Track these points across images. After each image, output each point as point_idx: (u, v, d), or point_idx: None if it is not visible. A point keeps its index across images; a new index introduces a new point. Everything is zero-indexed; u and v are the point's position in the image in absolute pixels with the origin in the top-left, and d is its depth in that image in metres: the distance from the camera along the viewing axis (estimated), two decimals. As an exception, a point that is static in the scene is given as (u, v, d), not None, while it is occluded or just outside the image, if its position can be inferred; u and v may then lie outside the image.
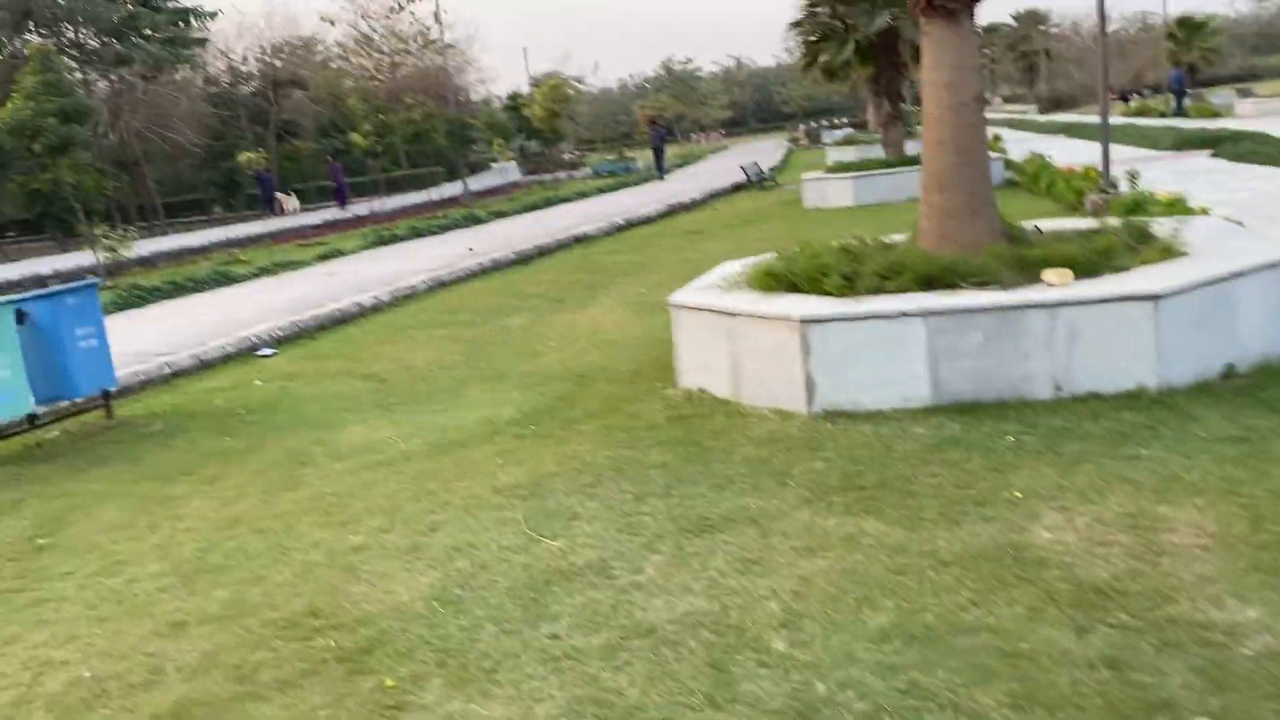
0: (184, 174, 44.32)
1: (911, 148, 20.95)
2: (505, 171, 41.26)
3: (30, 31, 33.82)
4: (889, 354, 5.55)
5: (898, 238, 7.36)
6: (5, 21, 32.03)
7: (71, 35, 34.68)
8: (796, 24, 18.96)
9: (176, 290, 14.22)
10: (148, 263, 23.76)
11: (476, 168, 56.65)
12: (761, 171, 26.30)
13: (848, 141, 32.09)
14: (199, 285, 14.61)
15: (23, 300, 7.12)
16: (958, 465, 4.66)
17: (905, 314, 5.48)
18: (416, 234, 19.97)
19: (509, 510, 4.84)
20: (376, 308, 11.86)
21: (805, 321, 5.60)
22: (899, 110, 19.51)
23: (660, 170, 35.67)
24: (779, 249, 7.18)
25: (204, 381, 8.93)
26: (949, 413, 5.34)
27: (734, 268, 7.46)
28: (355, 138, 21.55)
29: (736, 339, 6.05)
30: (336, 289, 13.06)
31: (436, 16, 54.33)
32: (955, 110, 6.38)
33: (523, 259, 15.18)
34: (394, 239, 19.35)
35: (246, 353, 9.91)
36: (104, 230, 14.99)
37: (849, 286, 6.00)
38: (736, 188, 25.90)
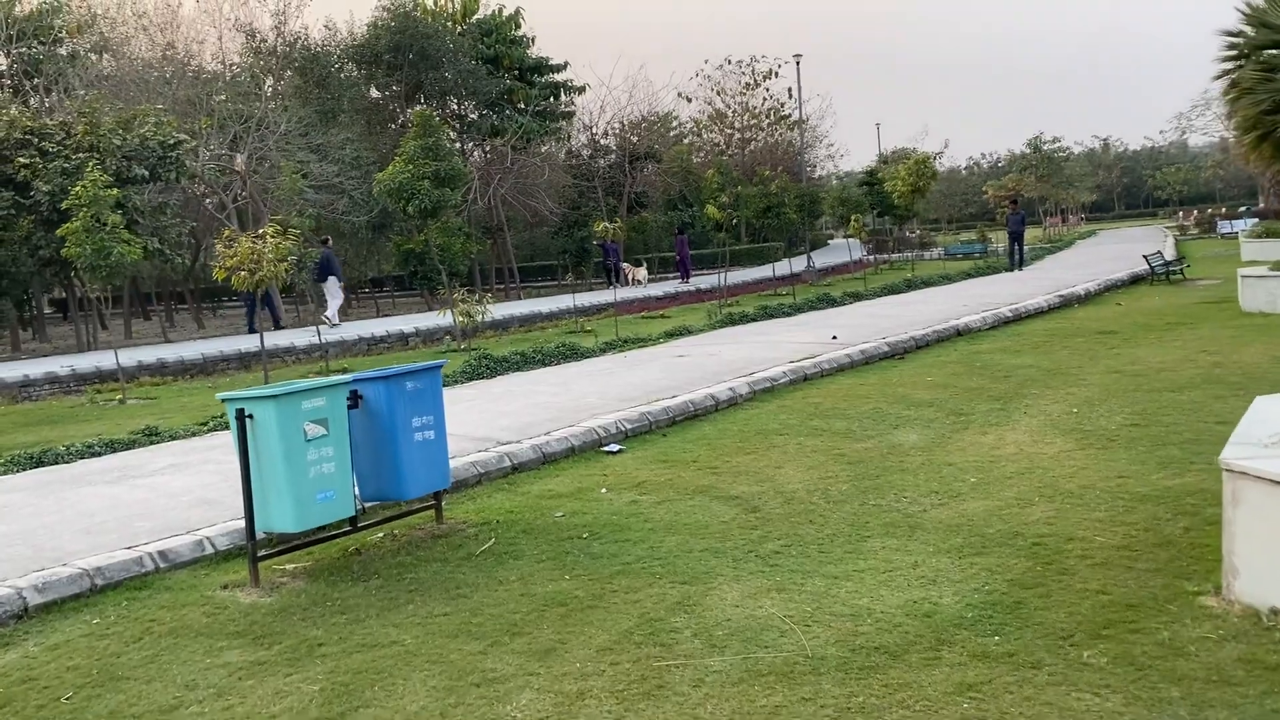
0: (539, 240, 46.50)
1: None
2: (850, 249, 39.53)
3: (420, 103, 36.64)
4: None
5: None
6: (399, 95, 34.82)
7: (455, 107, 37.22)
8: (1246, 91, 15.52)
9: (524, 362, 13.48)
10: (501, 326, 24.15)
11: (815, 244, 55.32)
12: (1167, 262, 22.47)
13: (1269, 233, 27.10)
14: (546, 358, 13.81)
15: (358, 381, 6.08)
16: None
17: None
18: (768, 314, 18.44)
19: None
20: (733, 402, 10.24)
21: None
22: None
23: (1017, 260, 29.63)
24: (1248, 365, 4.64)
25: (544, 481, 7.62)
26: None
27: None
28: (710, 209, 20.46)
29: (1377, 549, 3.64)
30: (686, 375, 11.64)
31: (791, 92, 54.54)
32: None
33: (897, 352, 13.08)
34: (744, 318, 17.93)
35: (591, 447, 8.57)
36: (460, 295, 14.73)
37: None
38: (1134, 279, 22.27)
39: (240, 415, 5.51)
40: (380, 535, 6.43)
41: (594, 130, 42.75)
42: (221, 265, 12.62)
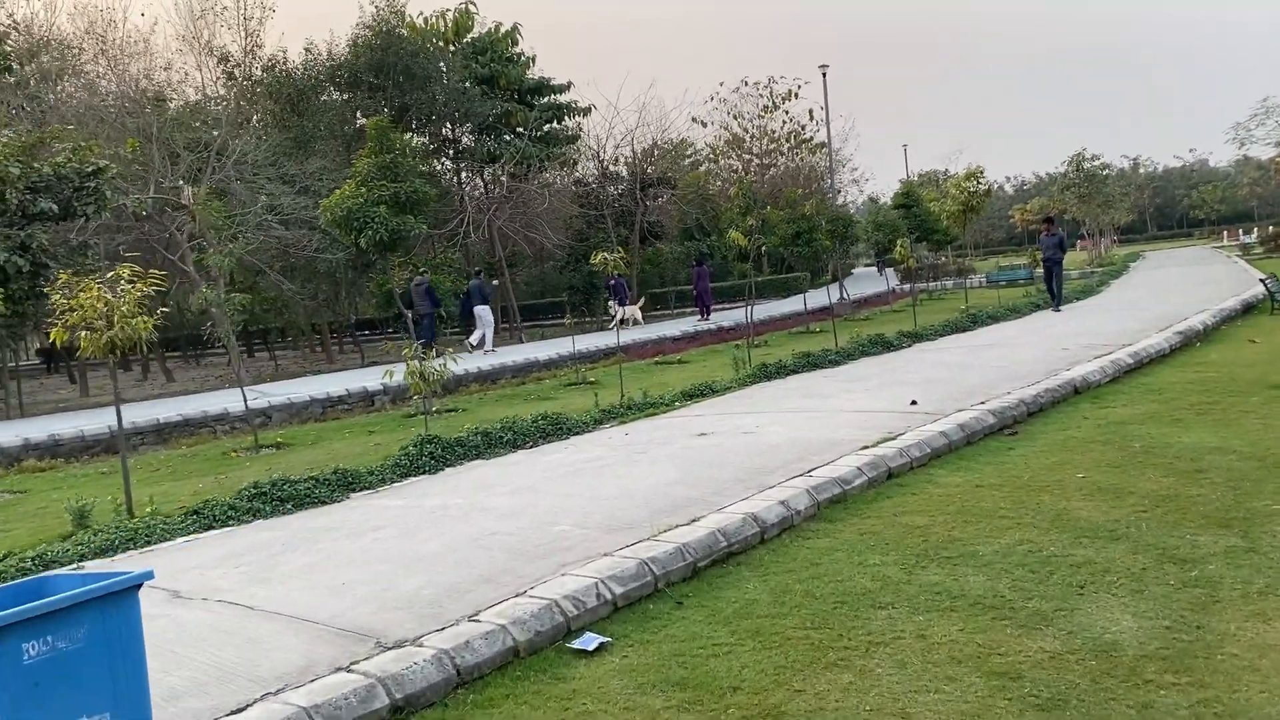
0: (549, 276, 43.08)
1: None
2: (887, 278, 35.93)
3: (411, 130, 33.38)
4: None
5: None
6: (388, 119, 31.47)
7: (448, 132, 33.95)
8: None
9: (487, 446, 9.78)
10: (490, 377, 20.64)
11: (838, 273, 51.63)
12: (1287, 287, 18.69)
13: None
14: (519, 437, 10.11)
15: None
16: None
17: None
18: (810, 363, 14.69)
19: None
20: (788, 525, 6.55)
21: None
22: None
23: (1056, 294, 23.15)
24: None
25: (446, 744, 3.95)
26: None
27: None
28: (734, 234, 16.85)
29: None
30: (712, 471, 7.96)
31: (812, 114, 51.04)
32: None
33: (1005, 423, 9.34)
34: (781, 369, 14.21)
35: (549, 641, 4.89)
36: (413, 347, 11.09)
37: None
38: (1247, 308, 18.49)
39: None
40: None
41: (602, 156, 39.31)
42: (60, 323, 9.09)
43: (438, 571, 5.72)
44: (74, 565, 6.67)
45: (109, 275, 9.14)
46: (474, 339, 25.53)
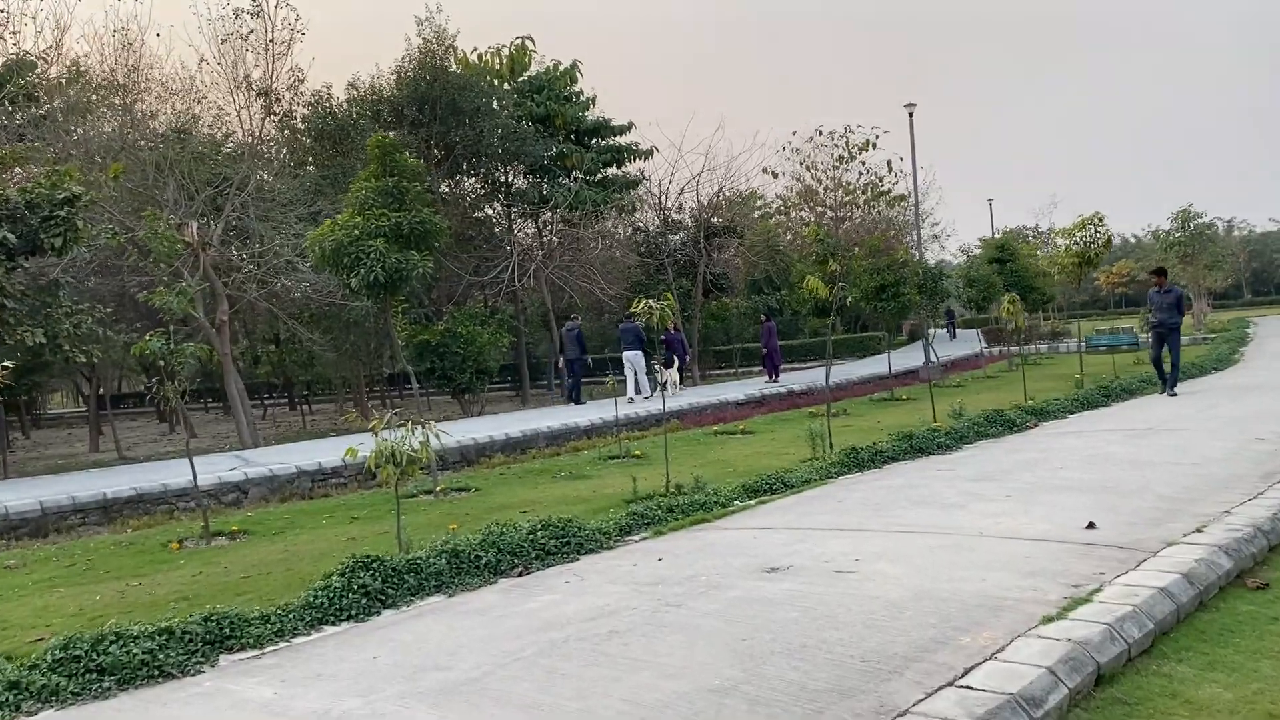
0: (607, 329, 40.40)
1: None
2: (979, 338, 32.38)
3: (461, 173, 31.08)
4: None
5: None
6: (433, 159, 29.16)
7: (502, 175, 31.55)
8: None
9: (451, 573, 6.63)
10: (521, 446, 17.79)
11: (916, 334, 48.11)
12: None
13: None
14: (501, 558, 7.00)
15: None
16: None
17: None
18: (914, 448, 11.38)
19: None
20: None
21: None
22: None
23: (1172, 371, 16.88)
24: None
25: None
26: None
27: None
28: (813, 282, 13.76)
29: None
30: (784, 659, 4.79)
31: (890, 165, 47.87)
32: None
33: (1242, 566, 6.02)
34: (876, 457, 10.87)
35: None
36: (380, 419, 8.07)
37: None
38: None
39: None
40: None
41: (664, 201, 36.54)
42: None
43: None
44: None
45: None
46: (630, 390, 24.16)
